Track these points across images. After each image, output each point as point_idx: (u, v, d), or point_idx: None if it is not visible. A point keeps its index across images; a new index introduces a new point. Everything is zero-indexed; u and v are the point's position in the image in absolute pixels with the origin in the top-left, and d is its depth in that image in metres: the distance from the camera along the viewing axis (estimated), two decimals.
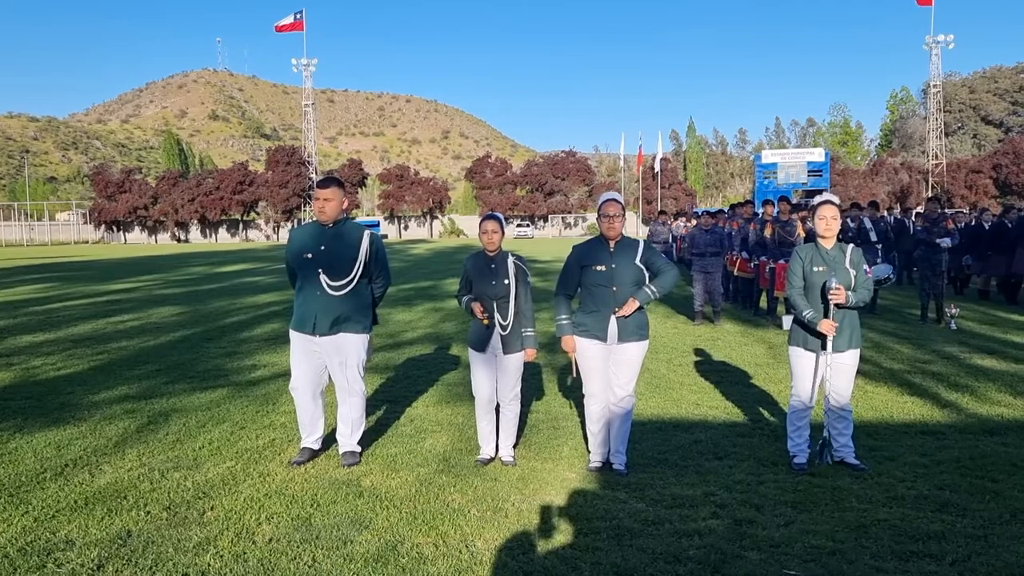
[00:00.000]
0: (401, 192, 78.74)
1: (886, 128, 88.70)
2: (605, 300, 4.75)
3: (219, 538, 3.88)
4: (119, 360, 8.78)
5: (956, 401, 6.55)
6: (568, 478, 4.78)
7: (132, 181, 78.04)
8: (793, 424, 4.98)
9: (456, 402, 6.68)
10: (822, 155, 45.10)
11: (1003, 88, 76.29)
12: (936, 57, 65.66)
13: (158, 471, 4.91)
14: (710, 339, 10.09)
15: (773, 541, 3.79)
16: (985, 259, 14.11)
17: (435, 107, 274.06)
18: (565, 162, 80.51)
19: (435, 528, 4.00)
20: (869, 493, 4.42)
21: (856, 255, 4.88)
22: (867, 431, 5.62)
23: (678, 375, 7.83)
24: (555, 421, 6.10)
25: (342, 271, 4.94)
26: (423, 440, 5.63)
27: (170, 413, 6.37)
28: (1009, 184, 61.78)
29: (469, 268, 5.04)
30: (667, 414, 6.28)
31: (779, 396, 6.76)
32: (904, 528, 3.92)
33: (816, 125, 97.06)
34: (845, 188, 62.77)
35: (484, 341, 4.97)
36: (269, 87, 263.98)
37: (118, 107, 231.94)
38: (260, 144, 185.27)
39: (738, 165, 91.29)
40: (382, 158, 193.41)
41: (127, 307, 14.49)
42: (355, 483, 4.69)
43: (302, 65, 73.43)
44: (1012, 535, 3.81)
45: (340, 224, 5.03)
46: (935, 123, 66.97)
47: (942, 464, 4.91)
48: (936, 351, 8.89)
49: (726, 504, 4.29)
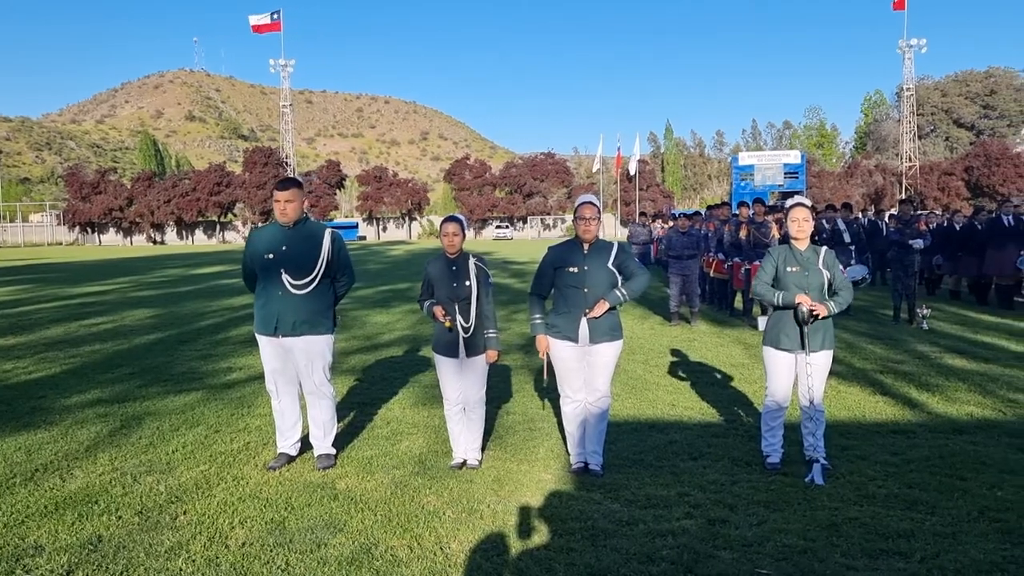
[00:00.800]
0: (379, 194, 78.45)
1: (861, 131, 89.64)
2: (577, 302, 4.78)
3: (191, 542, 3.85)
4: (92, 363, 8.68)
5: (927, 400, 6.64)
6: (544, 479, 4.80)
7: (107, 182, 77.12)
8: (767, 424, 5.02)
9: (432, 404, 6.68)
10: (798, 157, 45.48)
11: (974, 91, 77.30)
12: (909, 61, 66.52)
13: (130, 475, 4.86)
14: (686, 340, 10.15)
15: (746, 540, 3.82)
16: (956, 260, 14.31)
17: (414, 108, 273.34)
18: (544, 164, 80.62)
19: (410, 530, 4.00)
20: (840, 492, 4.47)
21: (829, 256, 4.93)
22: (840, 430, 5.68)
23: (654, 376, 7.87)
24: (531, 422, 6.12)
25: (304, 270, 4.92)
26: (399, 442, 5.62)
27: (143, 416, 6.31)
28: (980, 186, 62.64)
29: (430, 272, 5.03)
30: (643, 415, 6.31)
31: (754, 396, 6.82)
32: (874, 526, 3.96)
33: (792, 127, 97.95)
34: (821, 190, 63.35)
35: (448, 344, 4.96)
36: (246, 88, 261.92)
37: (93, 107, 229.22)
38: (237, 145, 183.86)
39: (716, 167, 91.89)
40: (361, 159, 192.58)
41: (101, 309, 14.34)
42: (330, 486, 4.68)
43: (280, 66, 73.03)
44: (979, 532, 3.87)
45: (301, 224, 5.02)
46: (908, 126, 67.80)
47: (912, 463, 4.98)
48: (908, 351, 9.00)
49: (700, 504, 4.32)
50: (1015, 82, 76.66)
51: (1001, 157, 62.37)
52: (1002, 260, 12.91)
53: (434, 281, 4.99)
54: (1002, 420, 5.98)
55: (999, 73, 77.58)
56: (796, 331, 4.81)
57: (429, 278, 5.03)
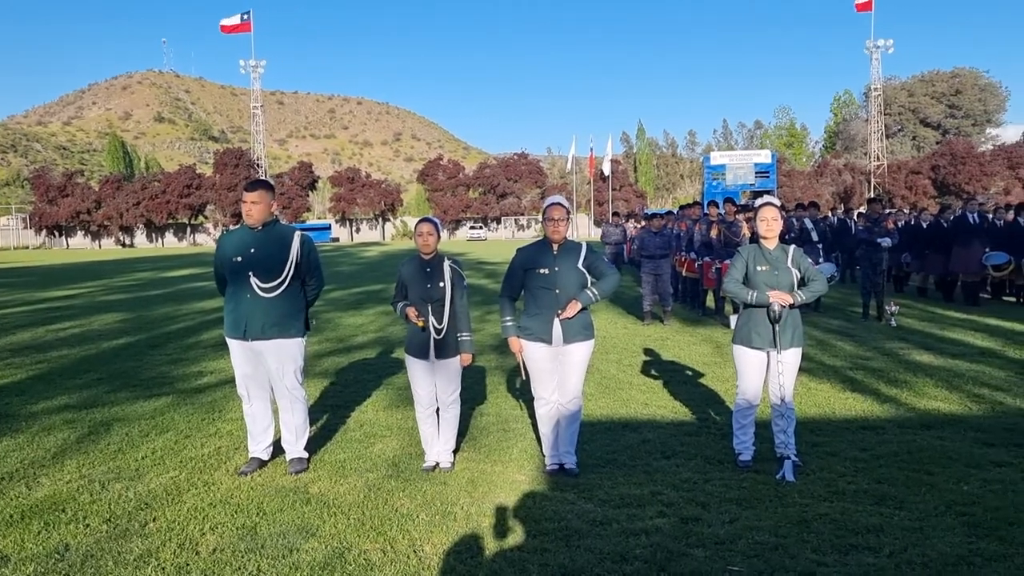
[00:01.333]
0: (352, 195, 78.08)
1: (830, 130, 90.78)
2: (548, 303, 4.79)
3: (161, 550, 3.80)
4: (59, 369, 8.55)
5: (895, 396, 6.73)
6: (518, 480, 4.80)
7: (74, 185, 76.00)
8: (738, 422, 5.06)
9: (406, 406, 6.64)
10: (769, 157, 45.94)
11: (940, 91, 78.46)
12: (876, 61, 67.56)
13: (98, 482, 4.79)
14: (659, 339, 10.20)
15: (718, 538, 3.85)
16: (923, 258, 14.53)
17: (387, 109, 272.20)
18: (517, 164, 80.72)
19: (383, 534, 3.98)
20: (811, 488, 4.52)
21: (798, 255, 4.98)
22: (810, 427, 5.74)
23: (627, 375, 7.90)
24: (505, 423, 6.11)
25: (273, 273, 4.88)
26: (372, 445, 5.59)
27: (112, 423, 6.22)
28: (947, 184, 63.66)
29: (403, 273, 5.01)
30: (616, 414, 6.34)
31: (726, 395, 6.87)
32: (844, 522, 4.01)
33: (763, 127, 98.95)
34: (791, 189, 64.06)
35: (420, 346, 4.95)
36: (217, 89, 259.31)
37: (59, 109, 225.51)
38: (208, 147, 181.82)
39: (688, 166, 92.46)
40: (333, 160, 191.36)
41: (69, 314, 14.12)
42: (302, 490, 4.64)
43: (250, 66, 72.53)
44: (946, 526, 3.93)
45: (269, 226, 4.98)
46: (876, 125, 68.81)
47: (881, 458, 5.04)
48: (877, 348, 9.12)
49: (673, 503, 4.34)
50: (980, 82, 77.97)
51: (966, 156, 63.45)
52: (968, 258, 13.12)
53: (408, 282, 4.97)
54: (968, 415, 6.07)
55: (964, 73, 78.85)
56: (767, 329, 4.84)
57: (403, 279, 5.02)
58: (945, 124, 78.50)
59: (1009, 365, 7.93)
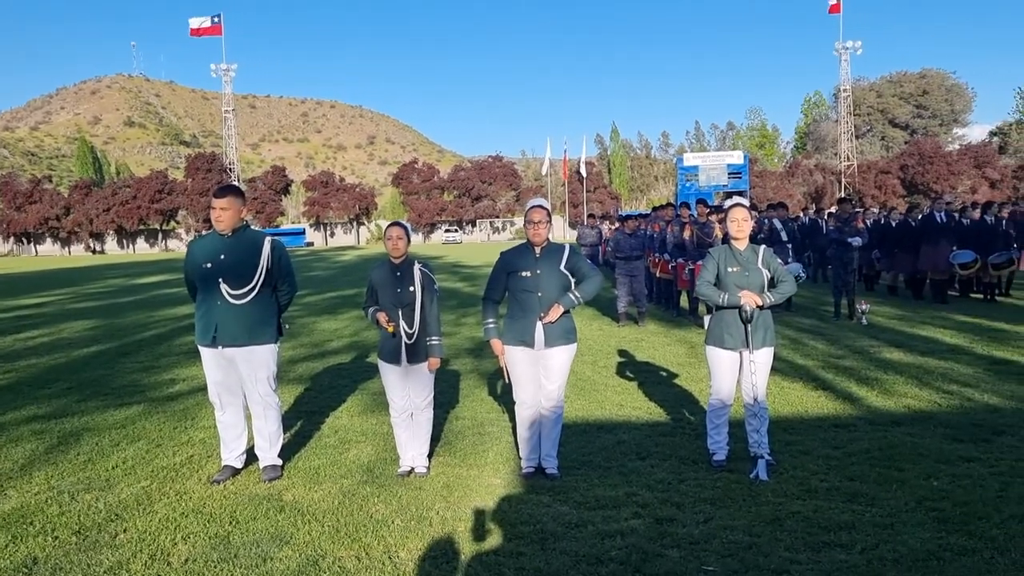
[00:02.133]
0: (327, 199, 77.66)
1: (800, 131, 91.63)
2: (531, 306, 4.79)
3: (132, 561, 3.75)
4: (28, 378, 8.41)
5: (866, 394, 6.81)
6: (493, 484, 4.79)
7: (42, 191, 74.90)
8: (712, 422, 5.09)
9: (381, 411, 6.61)
10: (741, 158, 46.32)
11: (908, 92, 79.52)
12: (845, 63, 68.43)
13: (67, 493, 4.72)
14: (634, 340, 10.24)
15: (693, 538, 3.87)
16: (893, 257, 14.72)
17: (360, 113, 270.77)
18: (492, 167, 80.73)
19: (358, 540, 3.96)
20: (784, 487, 4.56)
21: (768, 255, 5.02)
22: (783, 426, 5.79)
23: (602, 377, 7.93)
24: (480, 427, 6.11)
25: (243, 279, 4.83)
26: (347, 451, 5.56)
27: (82, 432, 6.13)
28: (915, 184, 64.54)
29: (374, 278, 4.99)
30: (591, 416, 6.35)
31: (700, 395, 6.91)
32: (816, 520, 4.05)
33: (735, 128, 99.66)
34: (764, 189, 64.63)
35: (392, 351, 4.93)
36: (188, 92, 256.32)
37: (27, 114, 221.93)
38: (179, 151, 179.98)
39: (662, 168, 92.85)
40: (307, 164, 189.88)
41: (37, 322, 13.90)
42: (276, 498, 4.60)
43: (221, 70, 71.93)
44: (916, 522, 3.99)
45: (239, 232, 4.93)
46: (846, 126, 69.67)
47: (853, 456, 5.10)
48: (848, 346, 9.22)
49: (648, 503, 4.36)
50: (947, 83, 79.13)
51: (934, 156, 64.37)
52: (936, 256, 13.31)
53: (378, 287, 4.95)
54: (937, 411, 6.16)
55: (932, 74, 79.99)
56: (739, 330, 4.88)
57: (373, 284, 4.99)
58: (913, 124, 79.58)
59: (977, 361, 8.05)
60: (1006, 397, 6.53)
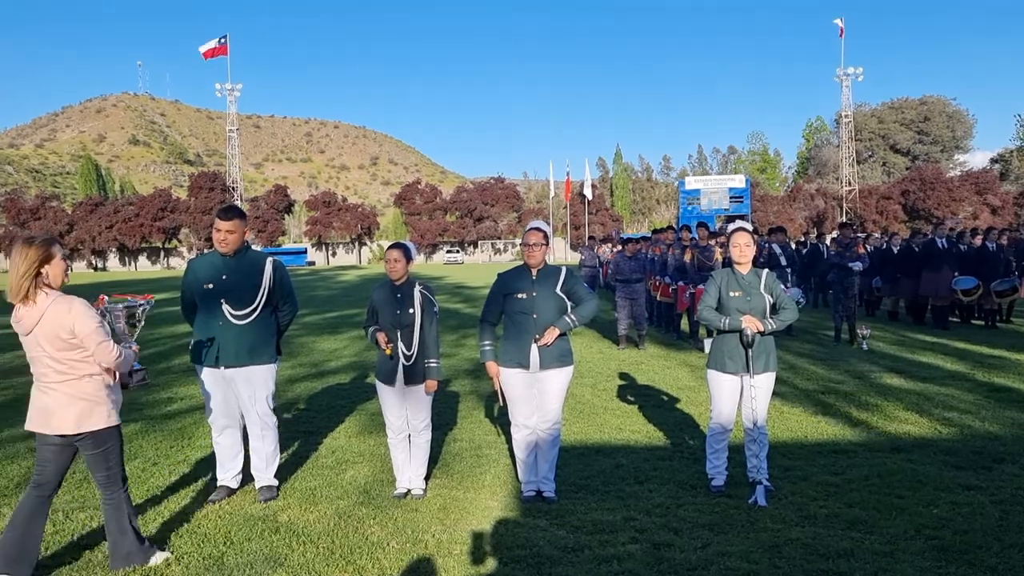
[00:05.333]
0: (329, 218, 77.85)
1: (802, 156, 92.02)
2: (526, 328, 4.79)
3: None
4: (25, 396, 8.35)
5: (866, 420, 6.78)
6: (490, 506, 4.76)
7: (47, 208, 75.13)
8: (712, 447, 5.06)
9: (379, 432, 6.58)
10: (743, 181, 46.52)
11: (909, 118, 79.88)
12: (847, 89, 68.71)
13: (62, 512, 4.69)
14: (634, 363, 10.22)
15: (690, 564, 3.83)
16: (894, 282, 14.71)
17: (364, 133, 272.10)
18: (494, 188, 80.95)
19: (352, 563, 3.93)
20: (783, 513, 4.53)
21: (771, 279, 5.01)
22: (782, 451, 5.76)
23: (602, 400, 7.90)
24: (478, 449, 6.08)
25: (245, 300, 4.83)
26: (344, 472, 5.53)
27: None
28: (917, 209, 64.66)
29: (375, 298, 4.99)
30: (590, 439, 6.33)
31: (700, 419, 6.89)
32: (815, 547, 4.02)
33: (737, 152, 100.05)
34: (765, 213, 64.77)
35: (390, 372, 4.92)
36: (192, 112, 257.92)
37: (32, 131, 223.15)
38: (183, 170, 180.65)
39: (663, 191, 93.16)
40: (310, 184, 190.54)
41: None
42: (271, 518, 4.58)
43: (226, 90, 72.32)
44: (916, 550, 3.95)
45: (241, 252, 4.93)
46: (847, 151, 69.87)
47: (852, 482, 5.07)
48: (848, 371, 9.20)
49: (645, 528, 4.33)
50: (948, 109, 79.50)
51: (935, 182, 64.53)
52: (937, 282, 13.31)
53: (378, 307, 4.95)
54: (937, 438, 6.13)
55: (932, 101, 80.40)
56: (740, 354, 4.87)
57: (374, 304, 4.99)
58: (914, 150, 79.89)
59: (978, 388, 8.02)
60: (1007, 424, 6.50)
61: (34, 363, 3.68)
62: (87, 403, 3.66)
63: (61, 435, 3.66)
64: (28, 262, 3.52)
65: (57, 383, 3.63)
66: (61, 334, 3.56)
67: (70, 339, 3.57)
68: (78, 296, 3.69)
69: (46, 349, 3.59)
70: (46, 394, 3.66)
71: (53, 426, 3.65)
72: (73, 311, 3.57)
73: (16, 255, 3.54)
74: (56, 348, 3.58)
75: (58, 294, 3.62)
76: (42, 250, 3.57)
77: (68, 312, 3.56)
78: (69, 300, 3.59)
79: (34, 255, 3.54)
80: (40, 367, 3.65)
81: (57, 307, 3.56)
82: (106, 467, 3.77)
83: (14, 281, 3.53)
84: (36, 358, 3.65)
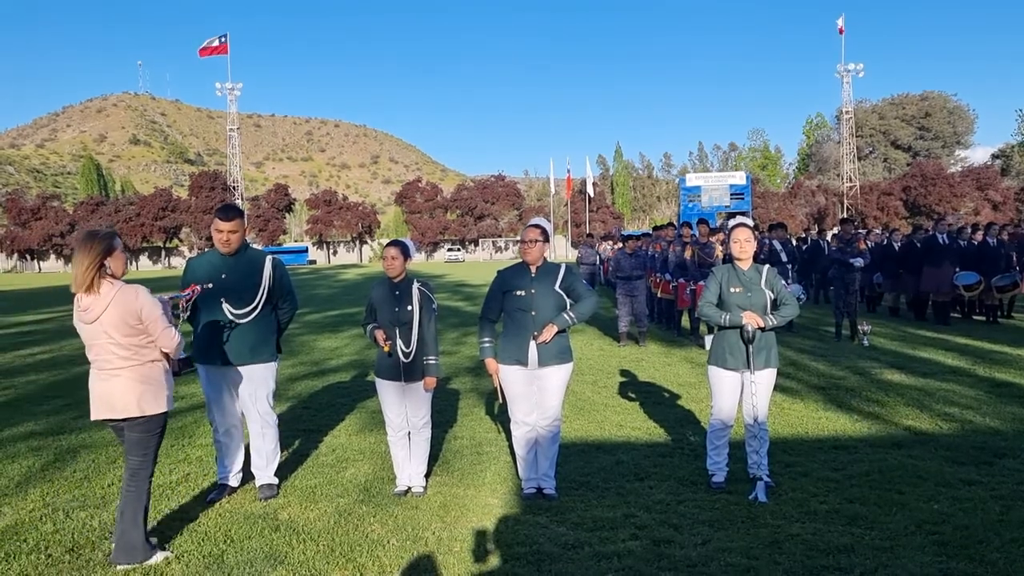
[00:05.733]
0: (329, 217, 77.87)
1: (803, 152, 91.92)
2: (525, 325, 4.78)
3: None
4: (27, 395, 8.39)
5: (867, 416, 6.78)
6: (490, 504, 4.76)
7: (49, 208, 75.15)
8: (712, 443, 5.06)
9: (380, 430, 6.57)
10: (744, 178, 46.32)
11: (910, 114, 79.75)
12: (847, 85, 68.67)
13: (62, 511, 4.70)
14: (635, 360, 10.22)
15: (690, 560, 3.83)
16: (896, 278, 14.70)
17: (364, 132, 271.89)
18: (495, 186, 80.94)
19: (353, 560, 3.93)
20: (783, 509, 4.52)
21: (772, 275, 5.00)
22: (783, 447, 5.75)
23: (602, 397, 7.89)
24: (478, 446, 6.08)
25: (245, 299, 4.83)
26: (344, 470, 5.53)
27: (78, 449, 6.11)
28: (918, 205, 64.61)
29: (373, 296, 4.99)
30: (590, 436, 6.32)
31: (700, 415, 6.88)
32: (815, 542, 4.01)
33: (737, 149, 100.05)
34: (766, 210, 64.71)
35: (390, 369, 4.91)
36: (193, 111, 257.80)
37: (32, 131, 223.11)
38: (184, 169, 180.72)
39: (664, 188, 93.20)
40: (311, 183, 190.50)
41: (38, 339, 13.90)
42: (271, 516, 4.58)
43: (226, 89, 72.35)
44: (916, 546, 3.95)
45: (241, 251, 4.92)
46: (848, 147, 69.81)
47: (853, 478, 5.06)
48: (849, 367, 9.19)
49: (646, 525, 4.33)
50: (948, 105, 79.37)
51: (936, 177, 64.50)
52: (938, 277, 13.30)
53: (377, 305, 4.95)
54: (938, 434, 6.12)
55: (933, 96, 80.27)
56: (741, 350, 4.86)
57: (372, 301, 4.99)
58: (915, 146, 79.79)
59: (979, 384, 8.01)
60: (1007, 420, 6.49)
61: (96, 350, 3.85)
62: (150, 387, 3.88)
63: (126, 418, 3.85)
64: (92, 255, 3.72)
65: (121, 368, 3.82)
66: (129, 320, 3.77)
67: (137, 325, 3.79)
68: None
69: (112, 336, 3.77)
70: (108, 380, 3.83)
71: (118, 410, 3.83)
72: (140, 298, 3.80)
73: (80, 249, 3.73)
74: (123, 334, 3.78)
75: (122, 283, 3.82)
76: (105, 243, 3.77)
77: (136, 299, 3.79)
78: (135, 288, 3.82)
79: (98, 248, 3.74)
80: (104, 354, 3.82)
81: (125, 295, 3.77)
82: (143, 452, 3.95)
83: (80, 273, 3.71)
84: (100, 345, 3.82)
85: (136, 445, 3.92)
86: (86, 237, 3.78)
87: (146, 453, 3.95)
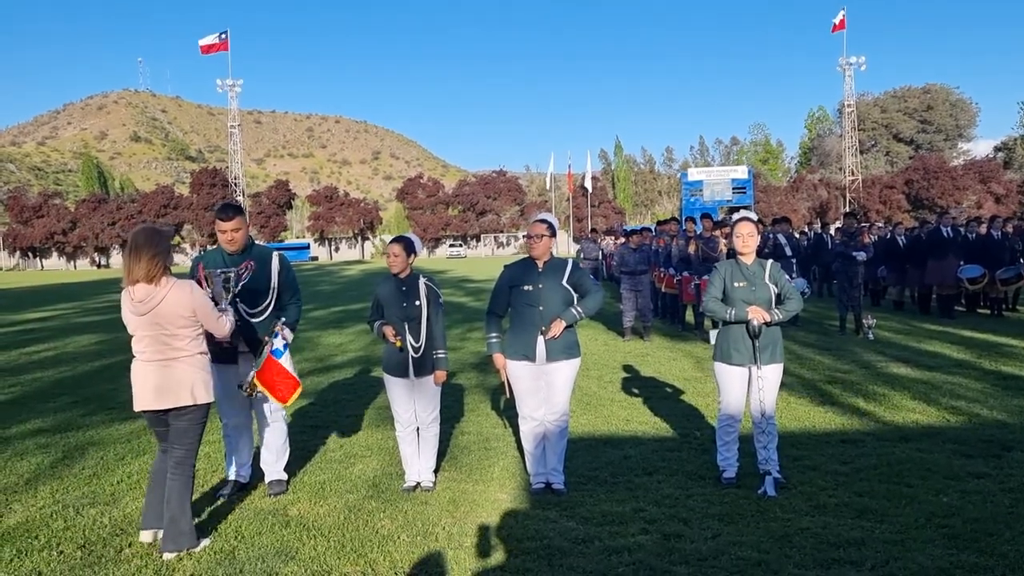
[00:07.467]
0: (331, 213, 77.86)
1: (805, 146, 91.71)
2: (532, 320, 4.78)
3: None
4: (33, 392, 8.41)
5: (874, 409, 6.78)
6: (499, 499, 4.77)
7: (50, 206, 75.19)
8: (722, 439, 5.04)
9: (387, 425, 6.59)
10: (745, 172, 46.24)
11: (912, 107, 79.59)
12: (849, 78, 68.46)
13: (72, 508, 4.71)
14: (640, 355, 10.22)
15: (701, 554, 3.83)
16: (901, 272, 14.68)
17: (365, 128, 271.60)
18: (496, 182, 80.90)
19: (364, 556, 3.94)
20: (792, 503, 4.52)
21: (775, 269, 4.99)
22: (790, 441, 5.75)
23: (608, 392, 7.90)
24: (486, 441, 6.08)
25: (258, 297, 4.83)
26: (353, 465, 5.54)
27: (87, 446, 6.12)
28: (920, 199, 64.50)
29: (380, 293, 4.99)
30: (598, 431, 6.33)
31: (707, 410, 6.88)
32: (826, 536, 4.02)
33: (739, 143, 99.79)
34: (768, 204, 64.60)
35: (399, 365, 4.92)
36: (194, 108, 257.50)
37: (34, 129, 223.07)
38: (185, 166, 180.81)
39: (665, 183, 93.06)
40: (312, 179, 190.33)
41: (43, 336, 13.93)
42: (281, 512, 4.59)
43: (227, 86, 72.23)
44: (926, 539, 3.95)
45: (248, 249, 4.91)
46: (850, 141, 69.64)
47: (861, 471, 5.06)
48: (855, 361, 9.19)
49: (655, 519, 4.33)
50: (951, 98, 79.20)
51: (939, 171, 64.36)
52: (943, 271, 13.28)
53: (384, 301, 4.95)
54: (945, 427, 6.12)
55: (936, 89, 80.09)
56: (747, 345, 4.84)
57: (379, 298, 4.99)
58: (918, 139, 79.64)
59: (985, 376, 8.01)
60: (1015, 412, 6.49)
61: (147, 341, 3.98)
62: (201, 376, 4.05)
63: (177, 407, 3.98)
64: (159, 249, 3.89)
65: (174, 359, 3.97)
66: (183, 313, 3.93)
67: (191, 317, 3.97)
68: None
69: (166, 328, 3.93)
70: (158, 372, 3.96)
71: (170, 400, 3.96)
72: (194, 292, 3.99)
73: (145, 243, 3.86)
74: (177, 326, 3.94)
75: (175, 278, 3.98)
76: (168, 239, 3.96)
77: (190, 293, 3.97)
78: (188, 283, 4.04)
79: (165, 243, 3.94)
80: (156, 344, 3.95)
81: (180, 290, 3.94)
82: (189, 441, 4.08)
83: (143, 265, 3.85)
84: (151, 336, 3.95)
85: (183, 434, 4.04)
86: (151, 233, 3.93)
87: (192, 442, 4.08)
